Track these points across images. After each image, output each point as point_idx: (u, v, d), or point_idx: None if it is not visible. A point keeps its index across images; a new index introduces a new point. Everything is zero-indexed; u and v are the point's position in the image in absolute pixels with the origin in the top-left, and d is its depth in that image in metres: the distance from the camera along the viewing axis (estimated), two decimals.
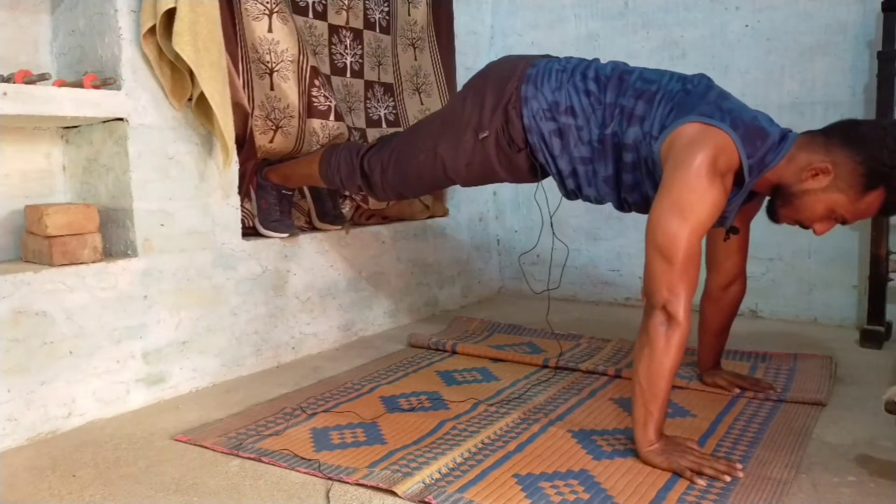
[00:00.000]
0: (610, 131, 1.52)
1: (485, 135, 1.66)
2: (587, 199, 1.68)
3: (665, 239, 1.32)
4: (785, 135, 1.42)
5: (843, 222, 1.41)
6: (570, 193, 1.69)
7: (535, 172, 1.70)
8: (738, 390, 1.74)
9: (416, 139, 1.81)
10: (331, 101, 2.17)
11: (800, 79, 2.49)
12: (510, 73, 1.65)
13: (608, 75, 1.57)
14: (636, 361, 1.36)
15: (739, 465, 1.30)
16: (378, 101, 2.51)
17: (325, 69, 2.31)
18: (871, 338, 2.17)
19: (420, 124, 1.89)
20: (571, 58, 1.68)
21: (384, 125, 2.51)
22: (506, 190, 3.11)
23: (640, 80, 1.53)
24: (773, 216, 1.47)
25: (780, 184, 1.42)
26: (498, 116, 1.64)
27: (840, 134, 1.37)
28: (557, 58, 1.69)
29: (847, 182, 1.35)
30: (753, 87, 2.57)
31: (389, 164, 1.84)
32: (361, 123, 2.44)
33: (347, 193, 2.33)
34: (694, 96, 1.46)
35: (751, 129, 1.39)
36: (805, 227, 1.44)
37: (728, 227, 1.55)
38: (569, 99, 1.57)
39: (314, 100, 2.14)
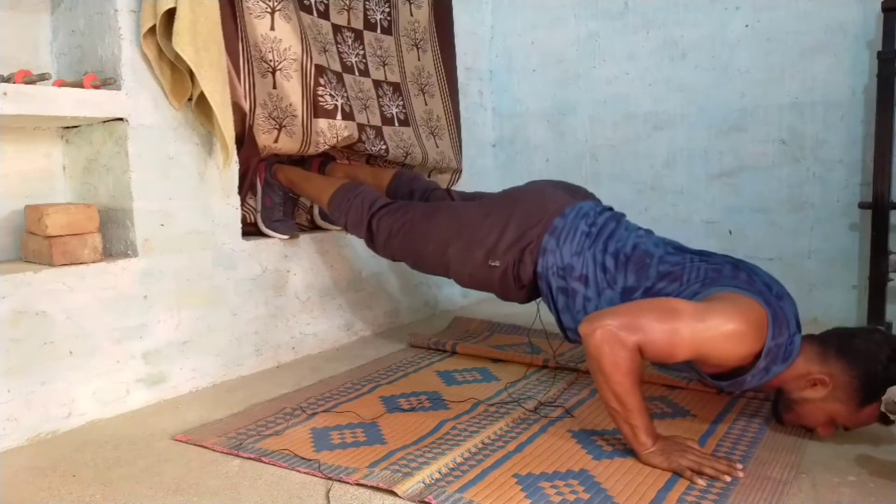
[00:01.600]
0: None
1: (495, 264, 1.68)
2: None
3: (662, 314, 1.30)
4: (797, 332, 1.41)
5: (846, 429, 1.43)
6: (571, 341, 1.70)
7: (530, 301, 1.75)
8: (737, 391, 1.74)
9: (430, 229, 1.80)
10: (337, 100, 2.15)
11: (800, 79, 2.49)
12: (539, 216, 1.65)
13: (628, 255, 1.55)
14: (598, 391, 1.34)
15: (739, 465, 1.30)
16: (389, 100, 2.49)
17: (336, 66, 2.28)
18: None
19: (438, 213, 1.83)
20: (601, 213, 1.66)
21: (396, 123, 2.49)
22: None
23: (661, 264, 1.51)
24: (778, 418, 1.49)
25: (780, 387, 1.44)
26: (513, 253, 1.66)
27: (836, 345, 1.39)
28: (588, 207, 1.66)
29: (845, 394, 1.37)
30: (753, 87, 2.57)
31: (397, 236, 1.84)
32: (377, 121, 2.41)
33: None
34: (725, 277, 1.45)
35: (779, 314, 1.37)
36: (809, 430, 1.47)
37: (720, 390, 1.56)
38: (585, 268, 1.57)
39: (319, 99, 2.12)
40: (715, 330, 1.30)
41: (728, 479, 1.26)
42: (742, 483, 1.26)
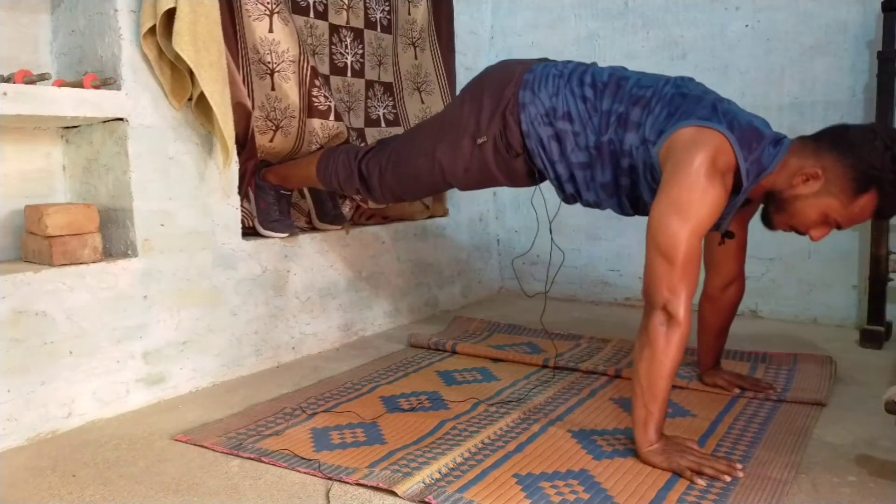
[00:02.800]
0: (606, 138, 1.52)
1: (482, 140, 1.66)
2: (587, 203, 1.68)
3: (665, 239, 1.33)
4: (779, 139, 1.42)
5: (839, 227, 1.41)
6: (569, 198, 1.69)
7: (534, 177, 1.70)
8: (738, 390, 1.74)
9: (415, 143, 1.81)
10: (330, 102, 2.18)
11: (800, 79, 2.49)
12: (507, 78, 1.65)
13: (605, 81, 1.57)
14: (636, 361, 1.36)
15: (739, 465, 1.30)
16: (378, 101, 2.51)
17: (325, 69, 2.31)
18: (871, 338, 2.17)
19: (418, 128, 1.89)
20: (569, 62, 1.68)
21: (383, 124, 2.51)
22: (506, 190, 3.10)
23: (636, 87, 1.53)
24: (768, 223, 1.47)
25: (772, 190, 1.42)
26: (496, 122, 1.64)
27: (829, 139, 1.38)
28: (555, 62, 1.69)
29: (838, 186, 1.35)
30: (753, 87, 2.57)
31: (387, 168, 1.84)
32: (360, 123, 2.44)
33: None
34: (690, 100, 1.46)
35: (747, 131, 1.40)
36: (801, 233, 1.44)
37: (724, 231, 1.55)
38: (566, 104, 1.57)
39: (314, 100, 2.14)
40: (696, 208, 1.32)
41: (728, 479, 1.26)
42: (742, 483, 1.26)
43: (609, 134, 1.52)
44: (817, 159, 1.37)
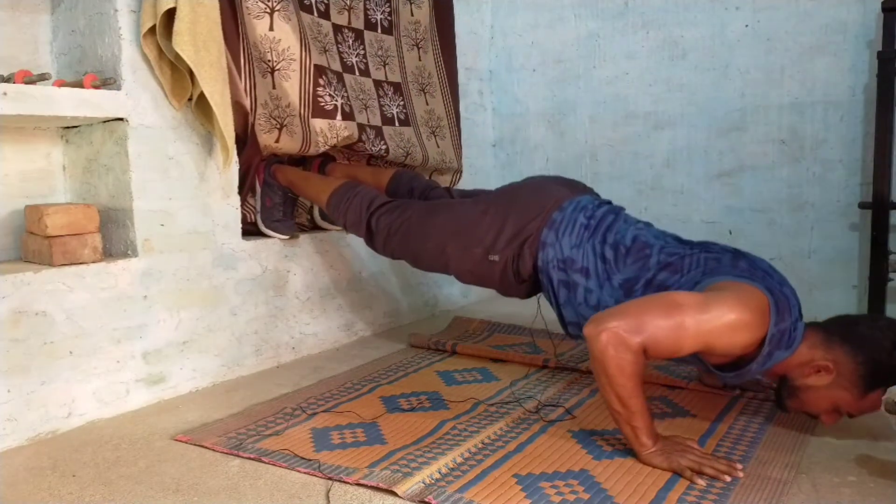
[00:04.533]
0: None
1: (495, 259, 1.68)
2: None
3: (665, 309, 1.30)
4: (798, 319, 1.41)
5: (850, 416, 1.42)
6: (572, 337, 1.70)
7: (530, 296, 1.75)
8: (737, 390, 1.74)
9: (429, 227, 1.80)
10: (337, 101, 2.15)
11: (800, 79, 2.49)
12: (537, 210, 1.65)
13: (628, 246, 1.55)
14: (601, 392, 1.34)
15: (739, 465, 1.30)
16: (389, 100, 2.50)
17: (337, 66, 2.28)
18: None
19: (436, 212, 1.83)
20: (600, 207, 1.66)
21: (396, 123, 2.49)
22: None
23: (662, 254, 1.52)
24: (780, 406, 1.48)
25: (784, 375, 1.43)
26: (512, 248, 1.66)
27: (839, 332, 1.39)
28: (587, 203, 1.66)
29: (849, 381, 1.36)
30: (753, 87, 2.57)
31: (396, 234, 1.84)
32: (377, 121, 2.41)
33: None
34: (725, 260, 1.45)
35: (781, 300, 1.37)
36: (813, 417, 1.46)
37: (724, 383, 1.56)
38: (585, 260, 1.57)
39: (319, 99, 2.12)
40: (718, 320, 1.30)
41: (728, 479, 1.26)
42: (742, 483, 1.26)
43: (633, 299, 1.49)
44: (827, 351, 1.38)
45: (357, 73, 2.37)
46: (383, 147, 2.35)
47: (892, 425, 1.32)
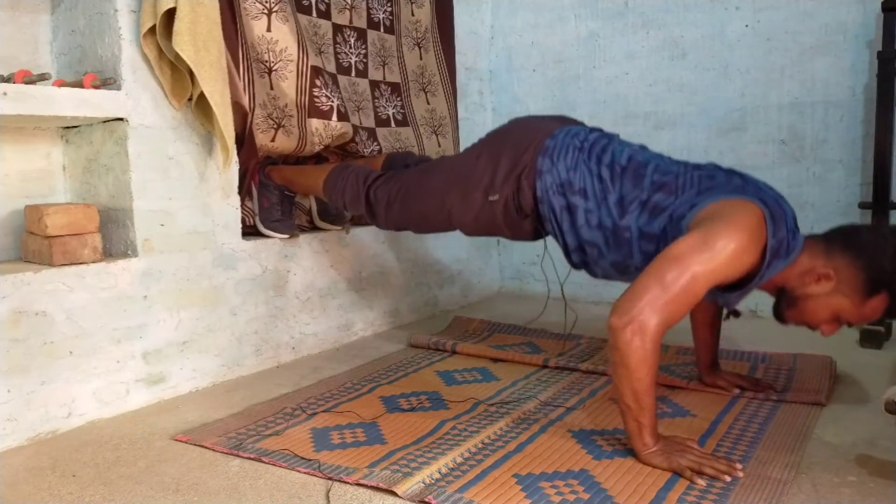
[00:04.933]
0: (625, 223, 1.51)
1: (494, 198, 1.67)
2: (593, 275, 1.68)
3: (675, 272, 1.30)
4: (795, 230, 1.42)
5: (849, 325, 1.42)
6: (577, 265, 1.69)
7: (539, 235, 1.72)
8: (737, 390, 1.74)
9: (426, 184, 1.80)
10: (333, 101, 2.17)
11: (800, 79, 2.49)
12: (529, 141, 1.65)
13: (623, 165, 1.55)
14: (616, 383, 1.34)
15: (739, 465, 1.30)
16: (386, 101, 2.50)
17: (332, 68, 2.29)
18: (871, 338, 2.17)
19: (431, 168, 1.86)
20: (592, 131, 1.67)
21: (393, 124, 2.50)
22: None
23: (656, 173, 1.52)
24: (779, 317, 1.48)
25: (784, 286, 1.43)
26: (510, 183, 1.65)
27: (841, 239, 1.40)
28: (578, 129, 1.67)
29: (850, 287, 1.36)
30: (753, 87, 2.57)
31: (396, 201, 1.84)
32: (371, 123, 2.42)
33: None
34: (718, 181, 1.46)
35: (776, 210, 1.38)
36: (812, 328, 1.46)
37: (731, 308, 1.55)
38: (582, 181, 1.57)
39: (315, 99, 2.13)
40: (722, 254, 1.30)
41: (728, 479, 1.26)
42: (742, 483, 1.26)
43: (628, 219, 1.51)
44: (828, 259, 1.38)
45: (353, 73, 2.38)
46: (376, 148, 2.37)
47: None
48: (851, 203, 2.42)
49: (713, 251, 1.30)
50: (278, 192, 2.10)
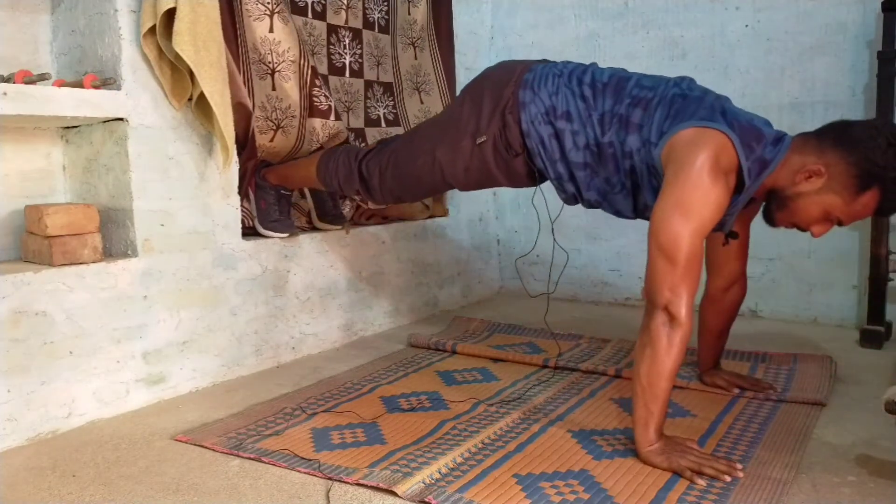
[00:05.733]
0: (607, 139, 1.52)
1: (482, 140, 1.66)
2: (588, 204, 1.67)
3: (668, 239, 1.32)
4: (780, 137, 1.42)
5: (840, 224, 1.41)
6: (570, 198, 1.69)
7: (534, 177, 1.70)
8: (737, 390, 1.74)
9: (415, 144, 1.81)
10: (331, 101, 2.18)
11: (800, 79, 2.49)
12: (507, 77, 1.65)
13: (605, 81, 1.56)
14: (637, 361, 1.36)
15: (739, 465, 1.30)
16: (377, 101, 2.51)
17: (323, 69, 2.31)
18: (871, 338, 2.17)
19: (418, 129, 1.89)
20: (569, 62, 1.68)
21: (383, 124, 2.51)
22: (506, 190, 3.10)
23: (636, 87, 1.52)
24: (770, 220, 1.47)
25: (774, 187, 1.42)
26: (495, 121, 1.64)
27: (832, 135, 1.38)
28: (555, 62, 1.69)
29: (841, 183, 1.35)
30: (753, 87, 2.57)
31: (388, 169, 1.84)
32: (360, 123, 2.44)
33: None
34: (690, 101, 1.46)
35: (747, 130, 1.40)
36: (802, 229, 1.44)
37: (727, 231, 1.55)
38: (565, 103, 1.57)
39: (315, 99, 2.14)
40: (702, 208, 1.32)
41: (728, 479, 1.26)
42: (742, 483, 1.26)
43: (609, 135, 1.52)
44: (819, 156, 1.37)
45: (348, 74, 2.39)
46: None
47: None
48: None
49: (690, 209, 1.32)
50: (274, 192, 2.11)
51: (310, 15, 2.25)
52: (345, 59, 2.37)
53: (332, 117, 2.18)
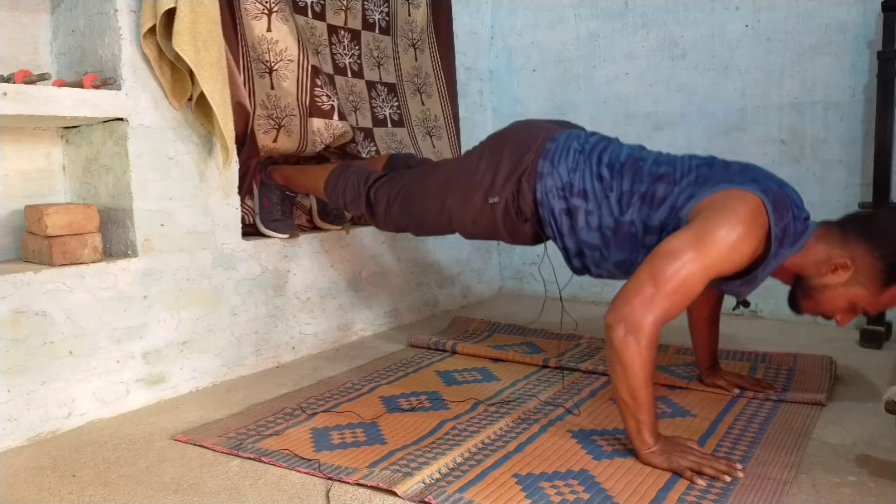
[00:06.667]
0: (628, 218, 1.50)
1: (495, 200, 1.66)
2: (597, 276, 1.67)
3: (668, 268, 1.29)
4: (806, 217, 1.41)
5: (866, 314, 1.41)
6: (577, 270, 1.69)
7: (538, 240, 1.71)
8: (737, 390, 1.74)
9: (427, 184, 1.80)
10: (333, 101, 2.17)
11: (800, 79, 2.49)
12: (529, 144, 1.64)
13: (622, 162, 1.55)
14: (612, 380, 1.35)
15: (739, 465, 1.30)
16: (382, 101, 2.50)
17: (328, 69, 2.30)
18: (871, 338, 2.17)
19: (432, 170, 1.86)
20: (593, 134, 1.67)
21: (389, 125, 2.50)
22: None
23: (654, 166, 1.52)
24: (795, 308, 1.47)
25: (799, 275, 1.42)
26: (510, 185, 1.64)
27: (857, 228, 1.38)
28: (578, 132, 1.67)
29: (868, 276, 1.35)
30: (753, 87, 2.57)
31: (396, 201, 1.84)
32: (367, 123, 2.42)
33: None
34: (717, 169, 1.46)
35: (779, 197, 1.37)
36: (827, 318, 1.45)
37: (741, 299, 1.54)
38: (583, 182, 1.57)
39: (316, 99, 2.13)
40: (718, 247, 1.30)
41: (728, 479, 1.26)
42: (742, 483, 1.26)
43: (631, 214, 1.50)
44: (845, 248, 1.37)
45: (349, 74, 2.38)
46: (373, 149, 2.37)
47: None
48: (851, 203, 2.42)
49: (707, 245, 1.30)
50: (279, 192, 2.10)
51: (310, 15, 2.25)
52: (345, 59, 2.36)
53: (336, 117, 2.17)
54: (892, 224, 1.36)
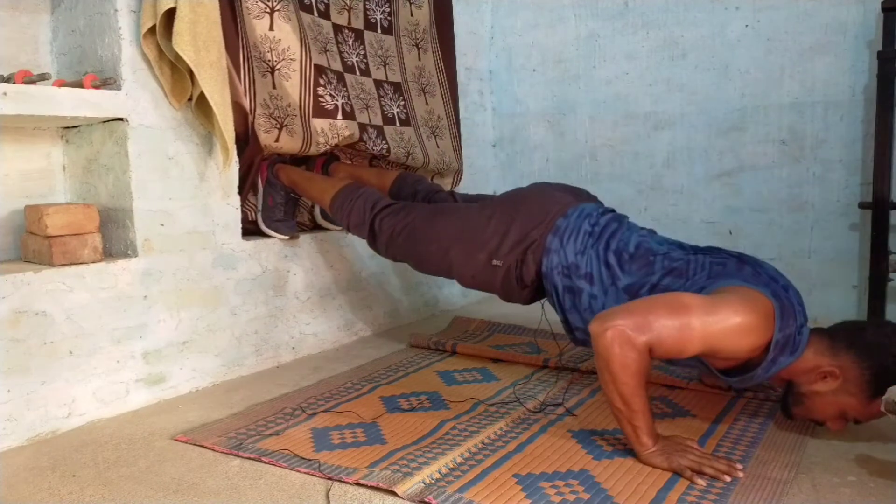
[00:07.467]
0: None
1: (498, 263, 1.68)
2: None
3: (673, 313, 1.29)
4: (803, 324, 1.41)
5: (857, 422, 1.42)
6: (579, 342, 1.69)
7: (532, 302, 1.74)
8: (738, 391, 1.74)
9: (433, 230, 1.79)
10: (338, 100, 2.16)
11: (800, 79, 2.49)
12: (541, 216, 1.65)
13: (631, 252, 1.56)
14: (604, 389, 1.34)
15: (739, 465, 1.30)
16: (390, 100, 2.49)
17: (338, 66, 2.28)
18: None
19: (441, 214, 1.84)
20: (604, 214, 1.67)
21: (397, 123, 2.49)
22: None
23: (666, 260, 1.52)
24: (787, 413, 1.48)
25: (790, 380, 1.43)
26: (516, 253, 1.65)
27: (846, 338, 1.39)
28: (591, 209, 1.67)
29: (856, 386, 1.36)
30: (753, 87, 2.57)
31: (399, 237, 1.84)
32: (378, 121, 2.41)
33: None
34: (730, 265, 1.46)
35: (786, 305, 1.37)
36: (819, 424, 1.46)
37: (729, 386, 1.55)
38: (589, 265, 1.57)
39: (320, 99, 2.12)
40: (724, 322, 1.30)
41: (728, 479, 1.26)
42: (742, 483, 1.26)
43: None
44: (834, 357, 1.38)
45: (358, 72, 2.37)
46: (384, 146, 2.35)
47: None
48: (851, 203, 2.42)
49: (716, 317, 1.30)
50: (284, 193, 2.10)
51: (315, 13, 2.24)
52: (351, 58, 2.36)
53: (340, 117, 2.16)
54: (880, 336, 1.37)
